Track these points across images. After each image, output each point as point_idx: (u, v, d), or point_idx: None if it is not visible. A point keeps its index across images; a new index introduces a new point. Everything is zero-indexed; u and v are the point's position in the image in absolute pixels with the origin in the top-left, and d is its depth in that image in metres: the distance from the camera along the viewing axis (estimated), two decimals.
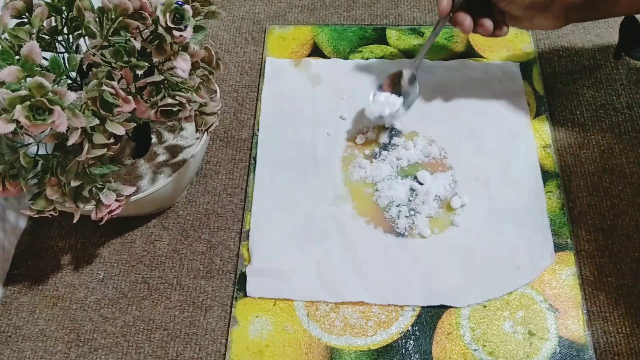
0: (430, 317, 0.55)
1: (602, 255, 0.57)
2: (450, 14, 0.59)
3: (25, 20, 0.46)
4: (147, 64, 0.46)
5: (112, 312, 0.57)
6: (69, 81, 0.48)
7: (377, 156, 0.63)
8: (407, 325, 0.54)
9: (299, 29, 0.74)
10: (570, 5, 0.55)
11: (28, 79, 0.39)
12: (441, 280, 0.56)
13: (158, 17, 0.44)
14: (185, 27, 0.45)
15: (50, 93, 0.39)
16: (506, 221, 0.59)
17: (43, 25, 0.45)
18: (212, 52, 0.51)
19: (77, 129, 0.42)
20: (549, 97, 0.67)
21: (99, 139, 0.44)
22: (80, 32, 0.47)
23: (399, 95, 0.63)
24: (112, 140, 0.45)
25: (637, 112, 0.65)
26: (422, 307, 0.55)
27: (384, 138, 0.64)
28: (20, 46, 0.42)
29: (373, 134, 0.64)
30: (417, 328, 0.54)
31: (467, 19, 0.58)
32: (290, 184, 0.63)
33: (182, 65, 0.47)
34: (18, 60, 0.41)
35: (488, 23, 0.59)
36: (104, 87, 0.43)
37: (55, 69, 0.42)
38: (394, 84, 0.64)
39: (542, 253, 0.57)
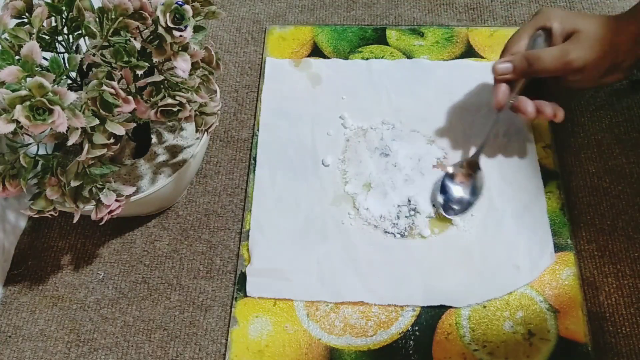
0: (430, 317, 0.55)
1: (602, 255, 0.57)
2: (510, 103, 0.57)
3: (25, 20, 0.46)
4: (147, 64, 0.46)
5: (112, 312, 0.57)
6: (69, 81, 0.48)
7: (377, 156, 0.63)
8: (407, 325, 0.54)
9: (299, 29, 0.74)
10: (638, 59, 0.53)
11: (28, 79, 0.39)
12: (441, 280, 0.56)
13: (158, 17, 0.44)
14: (185, 27, 0.45)
15: (50, 93, 0.39)
16: (506, 221, 0.59)
17: (43, 25, 0.45)
18: (212, 52, 0.51)
19: (77, 129, 0.42)
20: None
21: (99, 139, 0.44)
22: (80, 32, 0.47)
23: (468, 188, 0.60)
24: (112, 140, 0.45)
25: (637, 112, 0.65)
26: (422, 307, 0.55)
27: (384, 138, 0.65)
28: (20, 46, 0.42)
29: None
30: (417, 328, 0.54)
31: (529, 105, 0.55)
32: (290, 184, 0.63)
33: (182, 65, 0.47)
34: (18, 60, 0.41)
35: (549, 110, 0.56)
36: (104, 87, 0.43)
37: (55, 69, 0.42)
38: (463, 173, 0.60)
39: (542, 253, 0.57)
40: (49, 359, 0.55)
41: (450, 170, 0.60)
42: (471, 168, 0.60)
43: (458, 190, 0.60)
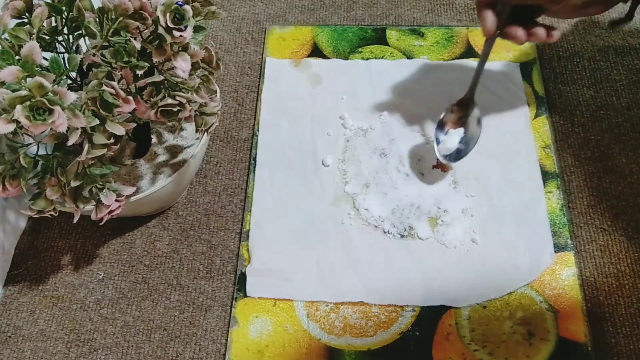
0: (430, 317, 0.55)
1: (602, 255, 0.57)
2: (498, 32, 0.54)
3: (25, 20, 0.46)
4: (147, 64, 0.46)
5: (112, 312, 0.57)
6: (69, 81, 0.48)
7: (377, 156, 0.63)
8: (407, 325, 0.54)
9: (299, 29, 0.74)
10: None
11: (28, 79, 0.39)
12: (441, 280, 0.56)
13: (158, 17, 0.44)
14: (185, 27, 0.45)
15: (50, 93, 0.40)
16: (506, 221, 0.59)
17: (43, 25, 0.45)
18: (212, 53, 0.51)
19: (77, 129, 0.42)
20: (549, 97, 0.67)
21: (99, 139, 0.44)
22: (80, 32, 0.47)
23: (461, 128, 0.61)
24: (112, 141, 0.45)
25: (637, 112, 0.65)
26: (422, 308, 0.55)
27: (384, 138, 0.65)
28: (21, 46, 0.42)
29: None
30: (417, 328, 0.54)
31: (519, 31, 0.53)
32: (290, 184, 0.63)
33: (182, 65, 0.47)
34: (18, 60, 0.41)
35: (540, 31, 0.53)
36: (104, 87, 0.43)
37: (55, 69, 0.42)
38: (456, 115, 0.61)
39: (542, 253, 0.57)
40: (49, 359, 0.55)
41: (441, 116, 0.61)
42: (463, 109, 0.61)
43: (452, 138, 0.60)
